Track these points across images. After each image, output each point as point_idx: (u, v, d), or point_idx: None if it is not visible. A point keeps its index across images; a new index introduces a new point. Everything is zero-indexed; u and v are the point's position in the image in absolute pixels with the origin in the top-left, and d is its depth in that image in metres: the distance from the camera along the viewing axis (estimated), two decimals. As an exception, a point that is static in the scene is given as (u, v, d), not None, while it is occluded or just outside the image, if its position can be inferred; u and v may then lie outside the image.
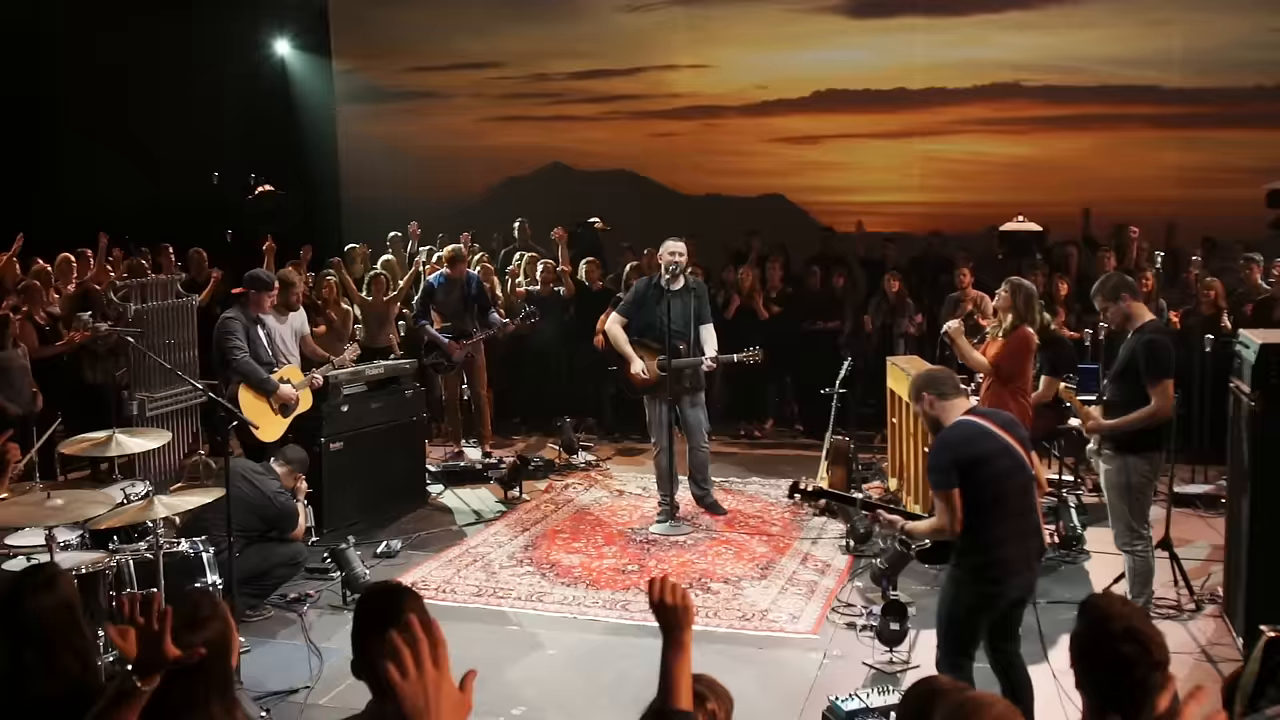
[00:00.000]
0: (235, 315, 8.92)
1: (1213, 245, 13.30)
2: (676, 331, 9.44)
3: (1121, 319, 7.26)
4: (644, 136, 17.13)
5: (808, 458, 12.03)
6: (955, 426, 5.56)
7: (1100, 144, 15.53)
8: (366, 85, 17.88)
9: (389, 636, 2.42)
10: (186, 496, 6.71)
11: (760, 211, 16.22)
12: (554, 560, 8.95)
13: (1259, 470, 7.01)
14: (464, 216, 16.09)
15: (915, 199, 16.13)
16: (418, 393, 10.55)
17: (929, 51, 15.89)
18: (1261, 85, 14.81)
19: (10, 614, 3.55)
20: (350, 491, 9.56)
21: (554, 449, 12.25)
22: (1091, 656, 3.43)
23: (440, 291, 11.48)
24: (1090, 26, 15.32)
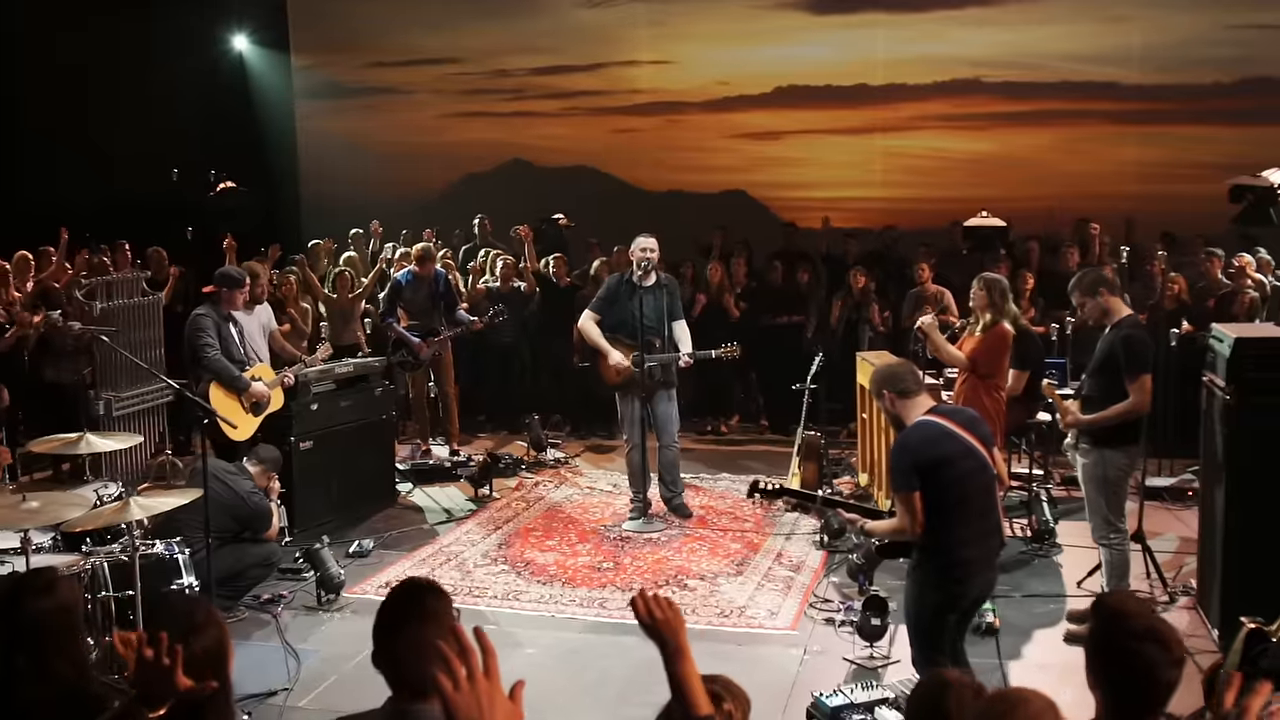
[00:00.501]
0: (206, 312, 8.81)
1: (1173, 240, 13.40)
2: (649, 328, 9.41)
3: (1099, 314, 7.30)
4: (605, 133, 17.05)
5: (775, 454, 12.09)
6: (917, 428, 5.51)
7: (1060, 140, 15.64)
8: (326, 81, 17.70)
9: (438, 646, 2.38)
10: (162, 498, 6.61)
11: (722, 208, 16.19)
12: (528, 558, 8.91)
13: (1234, 463, 7.07)
14: (424, 213, 15.93)
15: (876, 194, 16.16)
16: (387, 391, 10.48)
17: (890, 48, 15.93)
18: (1219, 81, 14.96)
19: (7, 617, 3.49)
20: (321, 491, 9.48)
21: (521, 446, 12.20)
22: (1109, 657, 3.39)
23: (408, 289, 11.40)
24: (1050, 23, 15.43)
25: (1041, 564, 8.73)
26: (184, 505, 6.67)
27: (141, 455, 9.95)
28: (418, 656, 3.04)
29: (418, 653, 3.04)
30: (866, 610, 7.13)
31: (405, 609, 3.14)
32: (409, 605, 3.14)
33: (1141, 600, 3.68)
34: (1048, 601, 8.00)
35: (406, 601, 3.16)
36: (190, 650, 3.18)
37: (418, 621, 3.08)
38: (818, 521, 9.54)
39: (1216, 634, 7.21)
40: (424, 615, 3.10)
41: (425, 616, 3.10)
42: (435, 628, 3.08)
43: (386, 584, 8.36)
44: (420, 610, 3.11)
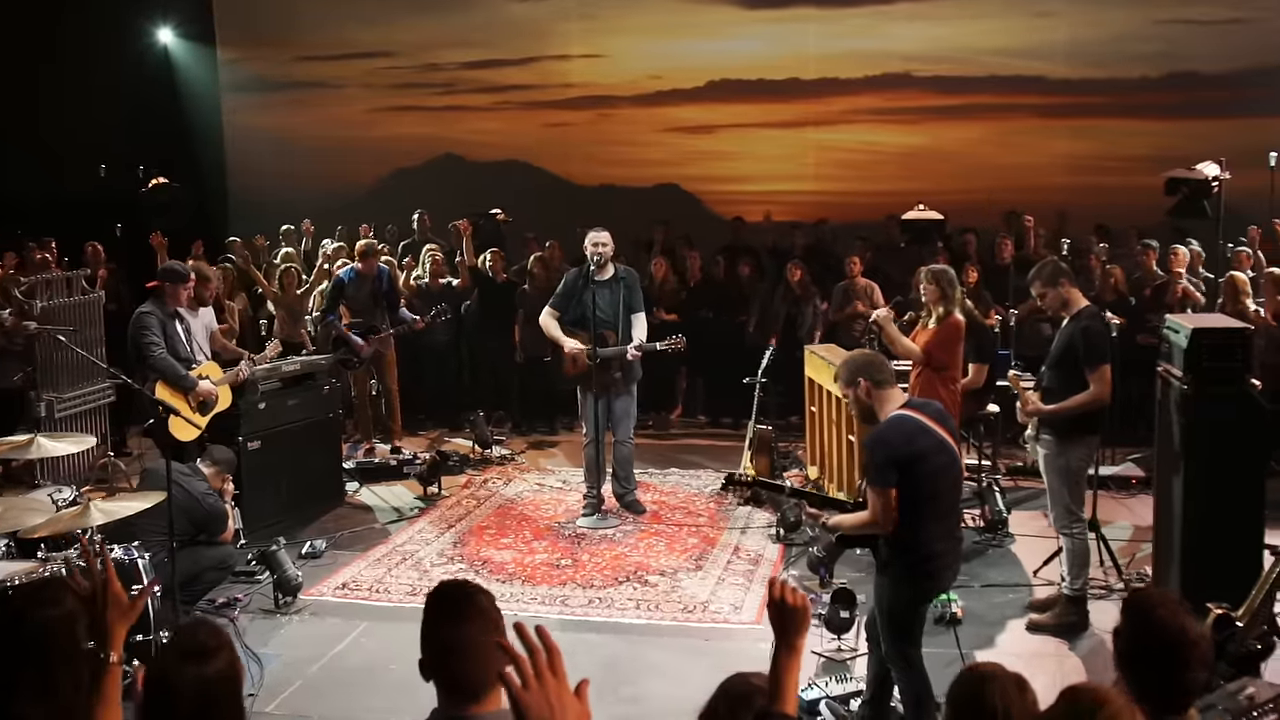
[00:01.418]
0: (151, 310, 8.58)
1: (1107, 232, 13.61)
2: (604, 321, 9.36)
3: (1059, 304, 7.37)
4: (537, 127, 16.97)
5: (720, 447, 12.12)
6: (895, 424, 5.48)
7: (990, 133, 15.85)
8: (252, 75, 17.40)
9: (503, 645, 2.34)
10: (123, 502, 6.46)
11: (655, 201, 16.22)
12: (485, 557, 8.82)
13: (1191, 452, 7.16)
14: (354, 209, 15.74)
15: (809, 188, 16.25)
16: (334, 388, 10.34)
17: (821, 42, 16.03)
18: (1146, 76, 15.23)
19: (12, 629, 3.38)
20: (269, 491, 9.31)
21: (462, 444, 12.09)
22: (1138, 656, 3.44)
23: (350, 286, 11.23)
24: (980, 18, 15.63)
25: (996, 554, 8.81)
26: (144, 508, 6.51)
27: (82, 458, 9.71)
28: (471, 659, 2.98)
29: (471, 655, 2.98)
30: (835, 603, 7.14)
31: (455, 611, 3.06)
32: (458, 607, 3.07)
33: (1171, 600, 3.68)
34: (1006, 591, 8.07)
35: (455, 603, 3.08)
36: (204, 674, 3.09)
37: (469, 622, 3.02)
38: (773, 515, 9.57)
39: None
40: (475, 616, 3.03)
41: (476, 617, 3.04)
42: (487, 628, 3.02)
43: (343, 585, 8.26)
44: (471, 611, 3.05)
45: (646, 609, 7.82)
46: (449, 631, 3.02)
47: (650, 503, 10.02)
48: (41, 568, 6.31)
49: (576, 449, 11.93)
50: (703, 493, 10.45)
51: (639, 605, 7.87)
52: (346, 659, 7.17)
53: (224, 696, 3.07)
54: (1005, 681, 3.08)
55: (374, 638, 7.44)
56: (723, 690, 3.14)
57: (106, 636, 2.89)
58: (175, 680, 2.96)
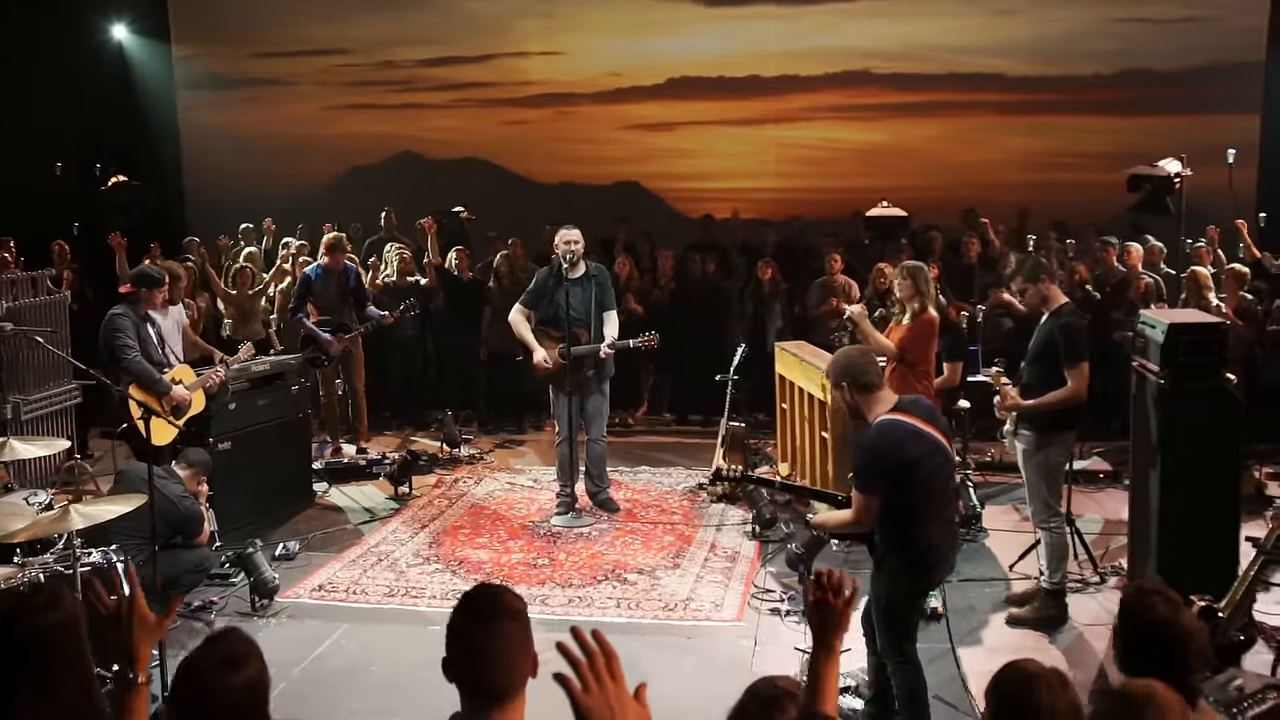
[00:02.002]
0: (124, 312, 8.46)
1: (1065, 229, 13.71)
2: (576, 320, 9.33)
3: (1039, 300, 7.41)
4: (496, 124, 16.86)
5: (688, 445, 12.13)
6: (887, 430, 5.45)
7: (949, 130, 15.91)
8: (208, 72, 17.14)
9: (563, 648, 2.32)
10: (102, 505, 6.34)
11: (615, 199, 16.16)
12: (461, 556, 8.77)
13: (1168, 446, 7.24)
14: (311, 207, 15.59)
15: (769, 185, 16.27)
16: (304, 388, 10.24)
17: (781, 39, 16.03)
18: (1101, 73, 15.36)
19: (8, 634, 3.32)
20: (240, 492, 9.18)
21: (428, 443, 12.02)
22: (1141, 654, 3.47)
23: (318, 283, 11.14)
24: (938, 16, 15.68)
25: (971, 548, 8.84)
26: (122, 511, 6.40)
27: (48, 461, 9.57)
28: (499, 662, 2.95)
29: (499, 658, 2.95)
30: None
31: (486, 613, 3.02)
32: (490, 610, 3.03)
33: (1169, 594, 3.71)
34: (983, 585, 8.12)
35: (487, 606, 3.05)
36: (237, 682, 3.06)
37: (500, 626, 2.98)
38: (747, 512, 9.58)
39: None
40: (507, 619, 3.00)
41: (508, 621, 3.00)
42: (518, 633, 2.99)
43: (319, 587, 8.19)
44: (503, 614, 3.01)
45: (627, 607, 7.80)
46: (478, 633, 2.99)
47: (623, 501, 10.00)
48: (20, 573, 6.23)
49: (545, 447, 11.95)
50: (675, 490, 10.45)
51: (619, 604, 7.85)
52: (328, 661, 7.11)
53: (255, 704, 3.05)
54: (1050, 677, 3.07)
55: (354, 639, 7.38)
56: (751, 693, 3.13)
57: (133, 656, 2.84)
58: (212, 688, 2.93)
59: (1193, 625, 3.50)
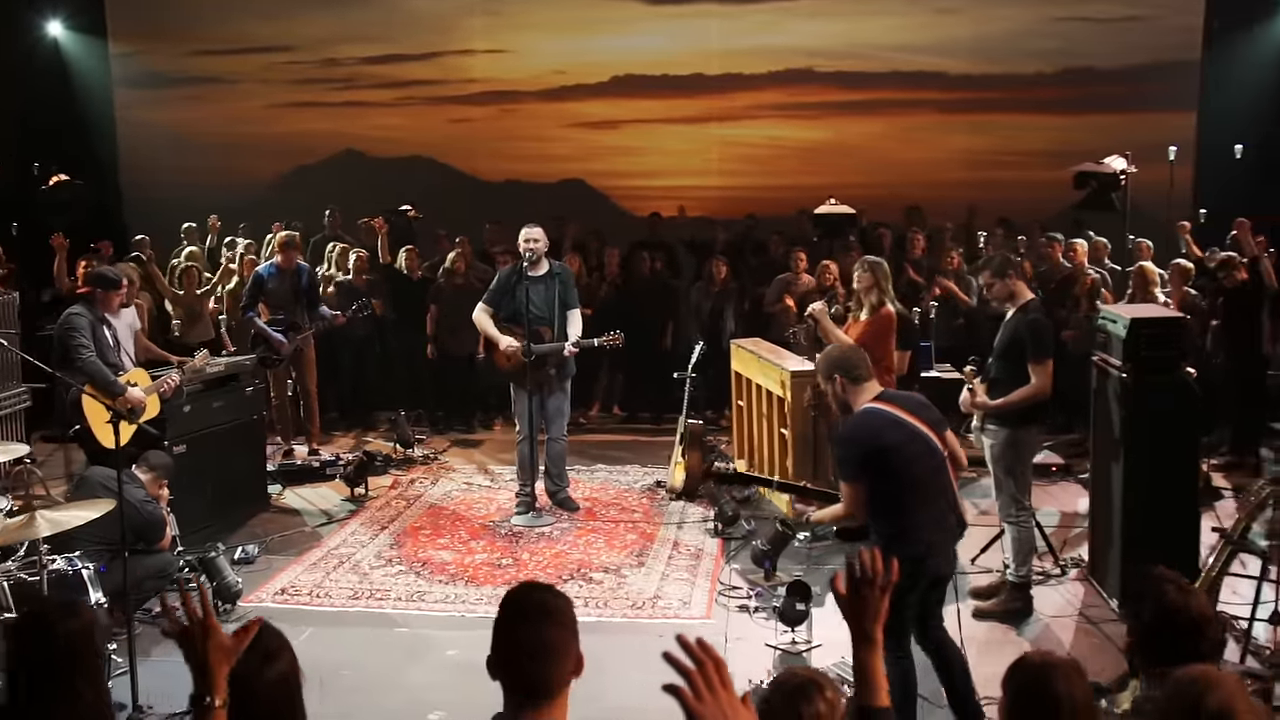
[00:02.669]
0: (81, 313, 8.31)
1: (1010, 226, 13.86)
2: (538, 318, 9.29)
3: (1005, 296, 7.48)
4: (441, 122, 16.78)
5: (642, 443, 12.13)
6: (863, 417, 5.54)
7: (892, 128, 16.07)
8: (146, 69, 16.84)
9: (670, 658, 2.32)
10: (72, 511, 6.25)
11: (561, 197, 16.12)
12: (424, 558, 8.71)
13: (1131, 439, 7.35)
14: (254, 205, 15.41)
15: (714, 183, 16.33)
16: (258, 389, 10.13)
17: (725, 38, 16.09)
18: (1042, 72, 15.57)
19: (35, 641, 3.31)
20: (196, 495, 9.04)
21: (379, 443, 11.93)
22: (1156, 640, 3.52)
23: (270, 281, 11.00)
24: (881, 14, 15.83)
25: (932, 543, 8.91)
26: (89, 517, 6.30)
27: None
28: (544, 662, 2.94)
29: (544, 658, 2.95)
30: (790, 595, 7.18)
31: (534, 613, 3.01)
32: (538, 610, 3.02)
33: (1181, 580, 3.76)
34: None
35: (531, 604, 3.04)
36: (265, 677, 3.06)
37: (547, 627, 2.97)
38: (707, 510, 9.61)
39: (1116, 603, 7.50)
40: (554, 621, 2.99)
41: (555, 622, 2.99)
42: (563, 631, 2.99)
43: (282, 590, 8.10)
44: (548, 613, 3.00)
45: (595, 606, 7.78)
46: (526, 633, 2.98)
47: (582, 500, 9.97)
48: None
49: (499, 446, 11.93)
50: (633, 488, 10.45)
51: (587, 603, 7.83)
52: (295, 666, 7.02)
53: (290, 697, 3.07)
54: (1066, 667, 3.11)
55: (321, 643, 7.29)
56: (776, 684, 3.13)
57: (210, 678, 2.81)
58: (248, 683, 2.94)
59: (1206, 611, 3.55)
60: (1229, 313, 10.71)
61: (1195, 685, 2.89)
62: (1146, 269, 10.66)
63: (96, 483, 7.38)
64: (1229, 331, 10.78)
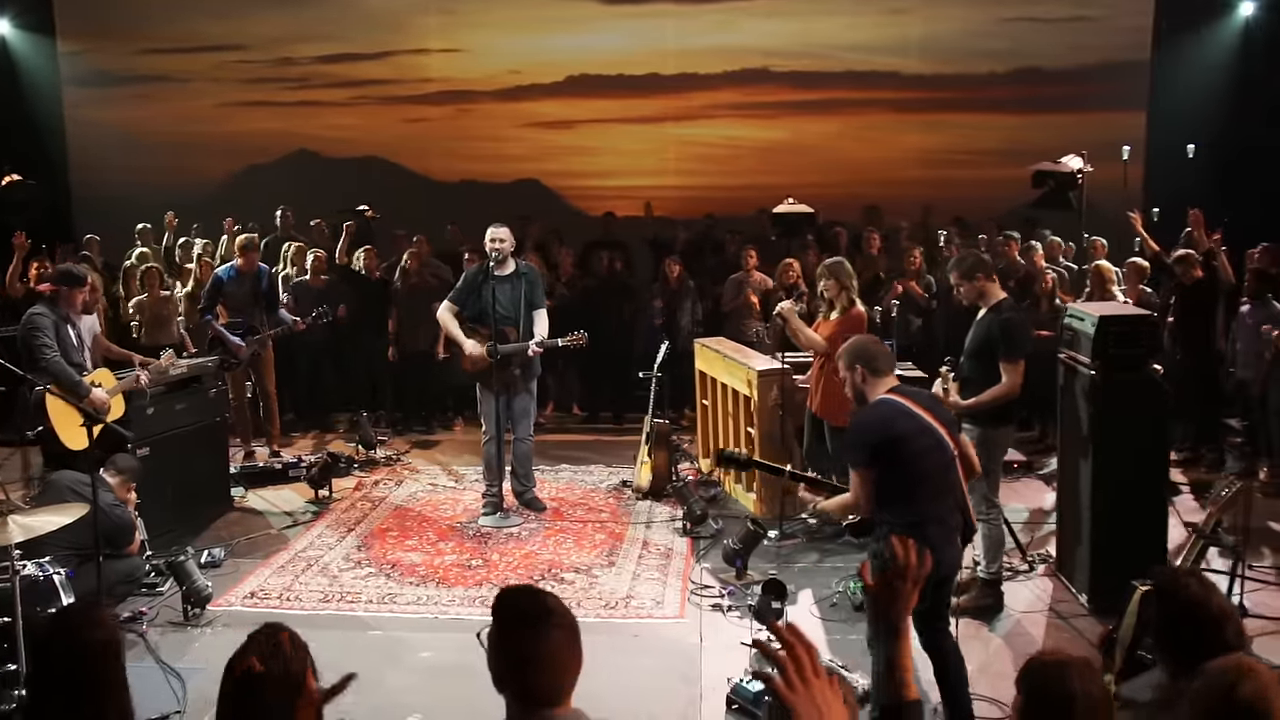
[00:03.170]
0: (44, 312, 8.21)
1: (965, 225, 13.97)
2: (504, 317, 9.25)
3: (976, 296, 7.53)
4: (395, 122, 16.71)
5: (604, 443, 12.13)
6: (875, 406, 5.59)
7: (847, 127, 16.19)
8: (94, 68, 16.63)
9: (760, 646, 2.33)
10: (42, 516, 6.14)
11: (515, 197, 16.09)
12: (393, 559, 8.65)
13: (1100, 435, 7.43)
14: (205, 205, 15.26)
15: (670, 183, 16.37)
16: (221, 392, 10.03)
17: (680, 37, 16.15)
18: (994, 71, 15.72)
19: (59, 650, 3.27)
20: (160, 499, 8.93)
21: (343, 445, 11.84)
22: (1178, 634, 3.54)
23: (230, 284, 10.89)
24: (834, 14, 15.94)
25: (899, 540, 8.95)
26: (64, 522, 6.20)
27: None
28: (550, 670, 2.93)
29: (550, 666, 2.93)
30: (766, 593, 7.19)
31: (533, 621, 3.00)
32: (537, 618, 3.01)
33: (1202, 582, 3.79)
34: (918, 576, 8.22)
35: (533, 613, 3.02)
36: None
37: (549, 634, 2.96)
38: (674, 509, 9.62)
39: (1085, 598, 7.58)
40: (555, 627, 2.98)
41: (556, 628, 2.99)
42: (567, 635, 2.98)
43: (251, 594, 8.02)
44: (550, 621, 2.99)
45: (569, 607, 7.74)
46: (529, 644, 2.96)
47: (549, 500, 9.95)
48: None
49: (460, 447, 11.89)
50: (599, 488, 10.44)
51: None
52: (271, 669, 6.95)
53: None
54: (1080, 665, 3.13)
55: (294, 647, 7.23)
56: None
57: None
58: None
59: (1227, 606, 3.58)
60: (1185, 310, 10.84)
61: (1228, 675, 2.91)
62: (1103, 268, 10.76)
63: (64, 486, 7.30)
64: (1184, 328, 10.91)
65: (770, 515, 9.07)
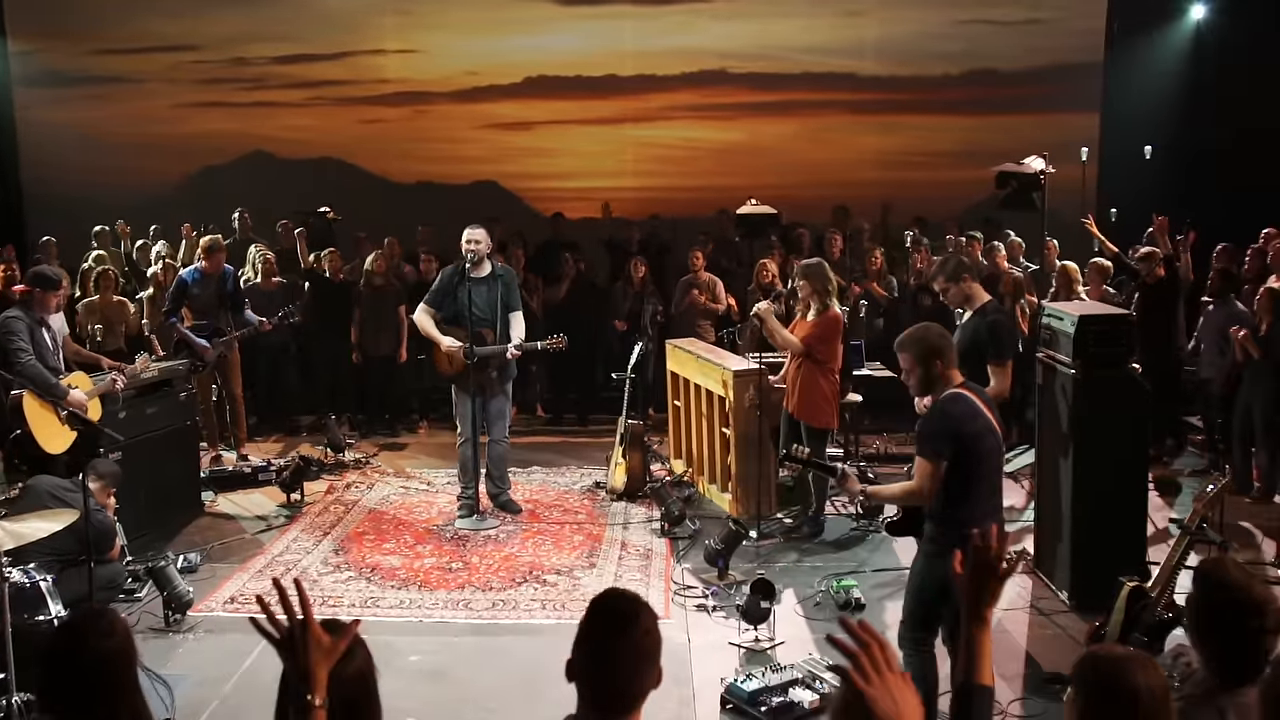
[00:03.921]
0: (19, 315, 8.10)
1: (924, 225, 14.09)
2: (481, 319, 9.22)
3: (961, 299, 7.61)
4: (352, 123, 16.56)
5: (573, 444, 12.12)
6: (957, 400, 5.47)
7: (804, 129, 16.26)
8: (47, 69, 16.32)
9: (835, 641, 2.33)
10: (32, 522, 6.07)
11: (473, 199, 16.02)
12: (373, 563, 8.60)
13: (1081, 432, 7.53)
14: (160, 206, 15.11)
15: (629, 184, 16.36)
16: (191, 395, 9.94)
17: (638, 39, 16.15)
18: (949, 73, 15.86)
19: (73, 659, 3.22)
20: (131, 503, 8.76)
21: (311, 448, 11.73)
22: (1211, 625, 3.58)
23: (195, 286, 10.77)
24: (790, 16, 15.99)
25: (876, 539, 9.04)
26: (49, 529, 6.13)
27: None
28: (627, 671, 2.94)
29: (628, 667, 2.94)
30: (754, 593, 7.23)
31: (622, 621, 3.00)
32: (629, 621, 3.00)
33: (1242, 568, 3.85)
34: (896, 575, 8.28)
35: (625, 617, 3.02)
36: (342, 676, 3.02)
37: (634, 634, 2.96)
38: (649, 510, 9.64)
39: (1066, 595, 7.68)
40: (642, 628, 2.98)
41: (643, 629, 2.99)
42: (651, 642, 2.98)
43: (231, 599, 7.95)
44: (639, 622, 2.99)
45: (553, 609, 7.77)
46: (612, 642, 2.96)
47: (523, 502, 9.93)
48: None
49: (427, 449, 11.85)
50: (573, 490, 10.43)
51: (544, 605, 7.82)
52: (259, 675, 6.86)
53: (367, 692, 3.04)
54: (1139, 659, 3.11)
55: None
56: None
57: (310, 678, 2.74)
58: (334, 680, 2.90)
59: (1266, 594, 3.62)
60: (1146, 308, 10.98)
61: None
62: (1069, 268, 10.91)
63: (44, 491, 7.20)
64: (1145, 327, 11.04)
65: (747, 515, 9.10)
